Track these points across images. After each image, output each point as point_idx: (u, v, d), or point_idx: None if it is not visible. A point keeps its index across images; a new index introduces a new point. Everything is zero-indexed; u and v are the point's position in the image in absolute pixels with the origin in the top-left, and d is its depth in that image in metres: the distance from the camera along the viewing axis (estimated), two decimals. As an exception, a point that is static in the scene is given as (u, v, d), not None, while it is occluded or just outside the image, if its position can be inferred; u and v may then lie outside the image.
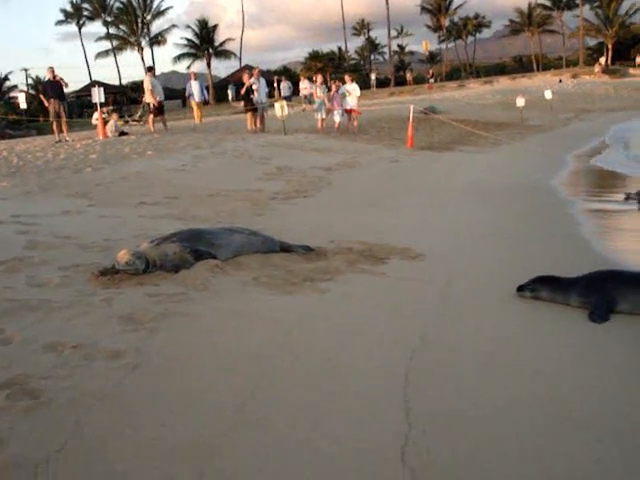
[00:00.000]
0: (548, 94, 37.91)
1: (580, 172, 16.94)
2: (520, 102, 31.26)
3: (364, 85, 68.68)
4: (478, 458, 3.40)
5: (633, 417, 3.84)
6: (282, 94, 34.26)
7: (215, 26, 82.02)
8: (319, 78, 25.64)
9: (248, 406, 3.88)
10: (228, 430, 3.61)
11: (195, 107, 28.78)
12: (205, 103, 31.29)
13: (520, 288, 6.08)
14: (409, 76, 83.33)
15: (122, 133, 23.67)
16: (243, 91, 23.87)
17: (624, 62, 79.84)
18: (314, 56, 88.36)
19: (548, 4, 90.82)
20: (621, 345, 5.05)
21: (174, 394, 4.01)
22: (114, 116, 25.81)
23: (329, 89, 25.84)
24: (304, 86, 38.82)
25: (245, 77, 24.30)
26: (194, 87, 27.59)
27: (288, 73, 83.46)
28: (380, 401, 3.97)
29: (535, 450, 3.48)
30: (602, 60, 76.55)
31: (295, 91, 39.99)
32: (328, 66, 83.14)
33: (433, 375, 4.36)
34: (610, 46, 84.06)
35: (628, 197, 12.04)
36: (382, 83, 78.00)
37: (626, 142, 23.95)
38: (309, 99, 36.51)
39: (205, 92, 29.65)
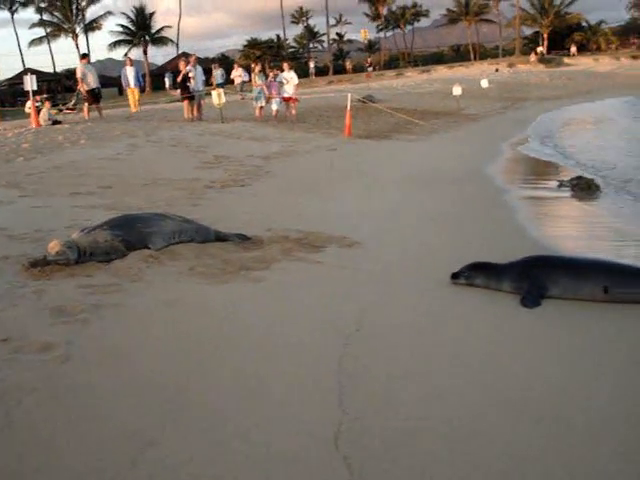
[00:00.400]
0: (484, 83, 38.45)
1: (514, 160, 17.21)
2: (457, 91, 31.59)
3: (303, 73, 68.59)
4: (411, 442, 3.45)
5: (554, 401, 3.95)
6: (215, 82, 33.75)
7: (152, 13, 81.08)
8: (257, 66, 25.50)
9: (183, 395, 3.86)
10: (163, 420, 3.60)
11: (130, 94, 28.33)
12: (141, 90, 30.82)
13: (454, 276, 6.16)
14: (348, 65, 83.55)
15: (55, 122, 23.16)
16: (179, 79, 23.59)
17: (559, 51, 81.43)
18: (252, 44, 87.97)
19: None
20: (552, 329, 5.18)
21: (107, 386, 3.97)
22: (47, 104, 25.23)
23: (267, 77, 25.76)
24: (237, 74, 37.98)
25: (181, 65, 23.99)
26: (129, 73, 27.16)
27: (226, 61, 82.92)
28: (314, 388, 4.00)
29: (467, 433, 3.55)
30: (539, 49, 77.90)
31: (228, 79, 39.24)
32: (267, 54, 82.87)
33: (367, 361, 4.40)
34: (545, 35, 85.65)
35: (561, 184, 12.31)
36: (321, 71, 78.06)
37: (552, 131, 24.44)
38: (242, 87, 36.07)
39: (141, 79, 29.14)
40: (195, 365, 4.24)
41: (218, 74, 35.44)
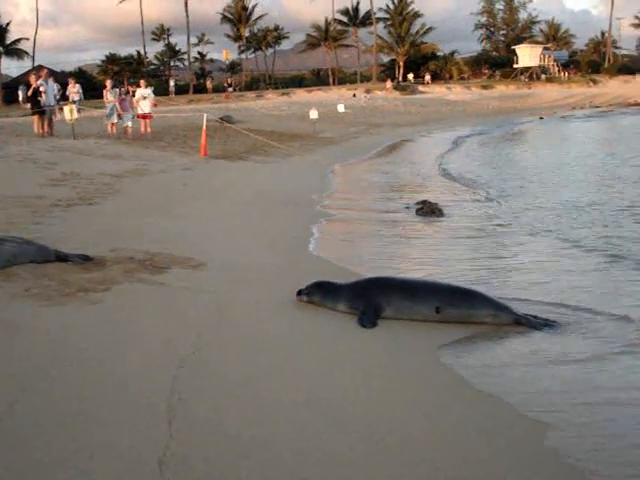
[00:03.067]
0: (341, 108, 39.32)
1: (364, 183, 17.73)
2: (313, 115, 32.15)
3: (163, 91, 67.78)
4: (235, 465, 3.51)
5: (382, 414, 4.14)
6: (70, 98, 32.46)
7: (8, 23, 77.88)
8: (108, 82, 25.04)
9: (4, 421, 3.77)
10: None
11: None
12: None
13: (299, 292, 6.35)
14: (209, 84, 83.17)
15: None
16: (30, 93, 22.84)
17: (414, 79, 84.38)
18: (111, 59, 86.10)
19: (344, 20, 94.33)
20: (385, 348, 5.41)
21: None
22: None
23: (124, 93, 25.37)
24: (75, 90, 32.73)
25: (32, 78, 23.23)
26: None
27: (84, 75, 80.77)
28: (143, 412, 3.99)
29: (293, 452, 3.65)
30: (395, 80, 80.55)
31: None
32: (126, 70, 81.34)
33: (200, 384, 4.44)
34: (401, 63, 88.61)
35: (407, 207, 12.85)
36: (182, 90, 77.33)
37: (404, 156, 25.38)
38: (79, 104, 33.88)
39: None
40: (21, 390, 4.15)
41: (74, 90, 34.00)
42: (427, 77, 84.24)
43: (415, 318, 6.05)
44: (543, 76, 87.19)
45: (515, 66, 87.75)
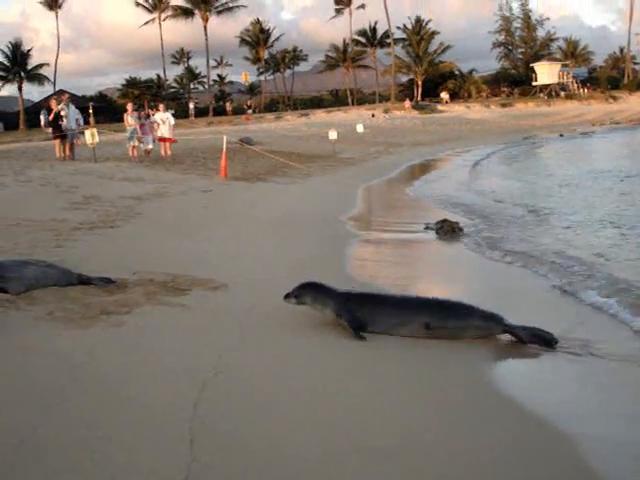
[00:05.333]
0: (360, 128, 39.36)
1: (385, 203, 17.74)
2: (332, 135, 32.22)
3: (183, 114, 68.35)
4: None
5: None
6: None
7: (29, 50, 79.09)
8: (130, 106, 25.28)
9: (28, 442, 3.79)
10: (6, 470, 3.51)
11: None
12: None
13: (286, 296, 6.39)
14: (228, 106, 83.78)
15: None
16: (51, 117, 23.12)
17: (433, 98, 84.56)
18: (132, 83, 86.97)
19: (362, 41, 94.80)
20: (419, 369, 5.41)
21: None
22: None
23: (147, 117, 25.61)
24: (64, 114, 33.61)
25: (53, 103, 23.54)
26: None
27: (105, 99, 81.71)
28: (166, 434, 4.00)
29: (314, 472, 3.65)
30: (414, 99, 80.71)
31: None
32: (146, 94, 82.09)
33: (221, 406, 4.44)
34: (420, 83, 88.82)
35: (427, 227, 12.78)
36: (201, 112, 77.92)
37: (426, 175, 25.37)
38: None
39: None
40: (44, 412, 4.17)
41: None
42: (445, 96, 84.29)
43: (404, 334, 6.06)
44: (562, 93, 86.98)
45: (534, 84, 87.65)
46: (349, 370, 5.34)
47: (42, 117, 55.50)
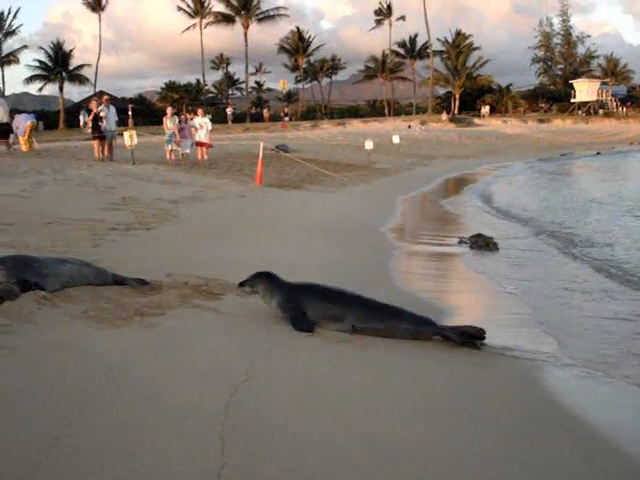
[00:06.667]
0: (396, 139, 39.35)
1: (420, 215, 17.68)
2: (368, 145, 32.24)
3: (221, 119, 68.76)
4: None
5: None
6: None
7: (71, 50, 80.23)
8: (169, 110, 25.48)
9: (64, 440, 3.82)
10: (38, 466, 3.54)
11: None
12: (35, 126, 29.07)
13: (241, 284, 6.65)
14: (266, 113, 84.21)
15: (-39, 154, 22.58)
16: (90, 118, 23.37)
17: (470, 112, 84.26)
18: (171, 87, 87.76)
19: (401, 52, 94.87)
20: (455, 380, 5.36)
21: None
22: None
23: (182, 121, 25.79)
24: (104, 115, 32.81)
25: (93, 104, 23.79)
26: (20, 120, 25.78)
27: (144, 102, 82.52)
28: (197, 438, 4.00)
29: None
30: (451, 112, 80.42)
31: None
32: (185, 98, 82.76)
33: (252, 411, 4.43)
34: (457, 96, 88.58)
35: (461, 241, 12.72)
36: (239, 118, 78.36)
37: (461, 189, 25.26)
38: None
39: (31, 115, 27.09)
40: (78, 411, 4.20)
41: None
42: (483, 110, 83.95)
43: (333, 328, 6.30)
44: (601, 111, 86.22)
45: (572, 100, 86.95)
46: (387, 382, 5.28)
47: (81, 117, 56.28)
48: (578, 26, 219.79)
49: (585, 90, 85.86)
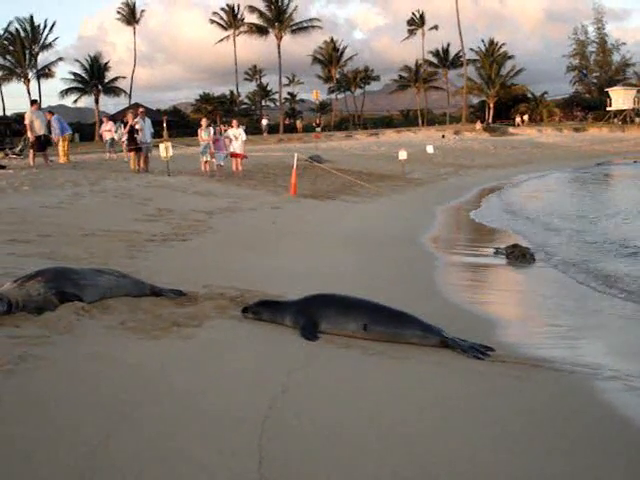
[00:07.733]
0: (430, 149, 39.17)
1: (455, 225, 17.57)
2: (402, 155, 32.11)
3: (255, 130, 69.14)
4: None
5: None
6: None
7: (107, 62, 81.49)
8: (204, 121, 25.66)
9: (101, 452, 3.82)
10: (79, 478, 3.55)
11: (61, 143, 26.73)
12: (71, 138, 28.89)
13: (244, 310, 6.75)
14: (299, 124, 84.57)
15: (0, 167, 22.92)
16: (126, 130, 23.63)
17: (504, 121, 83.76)
18: (205, 98, 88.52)
19: (434, 61, 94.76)
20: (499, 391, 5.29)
21: (27, 438, 3.90)
22: (-8, 148, 24.95)
23: (215, 132, 25.96)
24: (107, 128, 33.26)
25: (129, 117, 24.06)
26: (54, 123, 25.79)
27: (178, 114, 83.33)
28: (235, 450, 3.98)
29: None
30: (485, 121, 79.98)
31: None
32: (218, 109, 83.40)
33: (290, 423, 4.41)
34: (491, 105, 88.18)
35: (497, 252, 12.60)
36: (272, 129, 78.74)
37: (495, 199, 25.08)
38: (111, 144, 32.73)
39: (67, 127, 27.14)
40: (118, 422, 4.20)
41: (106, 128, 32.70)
42: (518, 119, 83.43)
43: (344, 334, 6.39)
44: (637, 119, 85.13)
45: (608, 109, 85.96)
46: (429, 396, 5.23)
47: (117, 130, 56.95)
48: (613, 34, 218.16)
49: (621, 98, 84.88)
